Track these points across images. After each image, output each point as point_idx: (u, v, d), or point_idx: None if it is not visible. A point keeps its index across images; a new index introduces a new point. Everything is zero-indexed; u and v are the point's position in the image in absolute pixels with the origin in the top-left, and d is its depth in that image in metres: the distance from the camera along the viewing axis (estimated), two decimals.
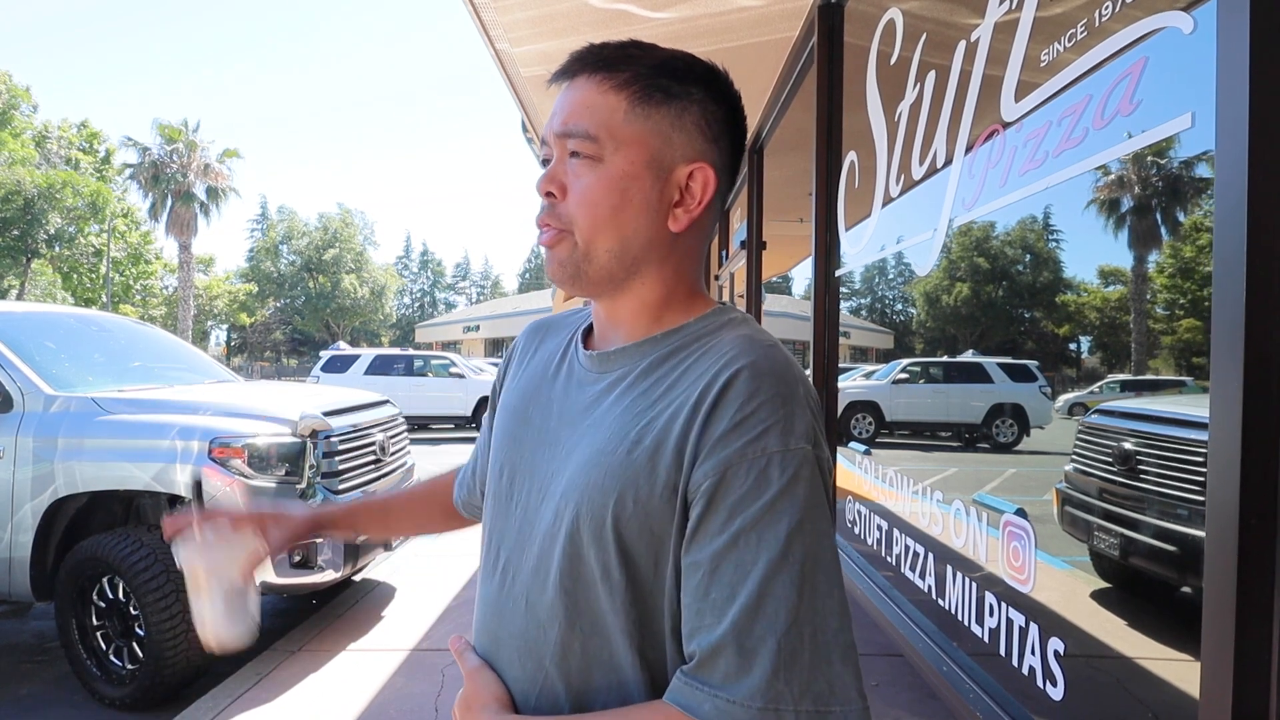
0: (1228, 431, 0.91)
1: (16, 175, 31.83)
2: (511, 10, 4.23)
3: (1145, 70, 1.15)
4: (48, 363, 4.70)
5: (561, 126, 0.95)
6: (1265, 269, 0.86)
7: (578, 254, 0.95)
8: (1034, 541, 1.73)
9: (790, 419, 0.85)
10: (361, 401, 5.60)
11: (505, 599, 1.00)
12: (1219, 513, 0.95)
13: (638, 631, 0.89)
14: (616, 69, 0.96)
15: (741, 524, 0.82)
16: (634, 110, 0.94)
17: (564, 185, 0.95)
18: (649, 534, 0.88)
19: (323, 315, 58.30)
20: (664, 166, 0.96)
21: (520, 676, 0.97)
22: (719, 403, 0.86)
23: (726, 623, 0.80)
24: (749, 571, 0.80)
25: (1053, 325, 1.80)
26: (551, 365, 1.09)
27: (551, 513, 0.95)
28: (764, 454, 0.83)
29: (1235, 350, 0.88)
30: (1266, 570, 0.91)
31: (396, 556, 6.47)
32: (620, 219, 0.94)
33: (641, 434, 0.90)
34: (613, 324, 1.04)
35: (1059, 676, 1.59)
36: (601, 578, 0.90)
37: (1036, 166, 1.53)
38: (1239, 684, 0.93)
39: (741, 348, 0.91)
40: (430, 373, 19.09)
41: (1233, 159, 0.88)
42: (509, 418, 1.09)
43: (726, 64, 1.02)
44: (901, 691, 3.95)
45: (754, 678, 0.78)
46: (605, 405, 0.97)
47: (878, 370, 3.62)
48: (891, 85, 2.58)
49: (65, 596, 4.27)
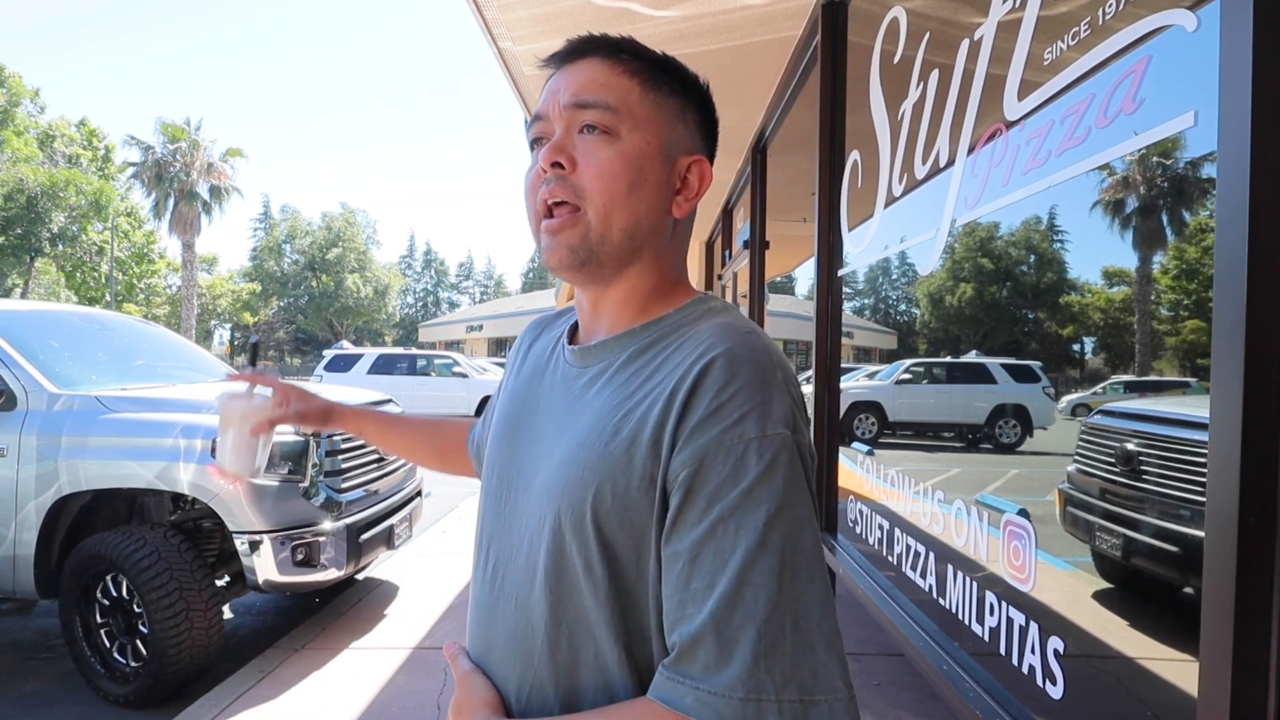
0: (1227, 430, 0.92)
1: (20, 173, 31.87)
2: (514, 9, 4.23)
3: (1148, 69, 1.15)
4: (51, 361, 4.71)
5: (574, 98, 0.95)
6: (1266, 268, 0.86)
7: (592, 236, 0.94)
8: (1035, 541, 1.73)
9: (768, 404, 0.84)
10: (364, 401, 5.60)
11: (495, 599, 1.00)
12: (1218, 511, 0.96)
13: (623, 627, 0.89)
14: (625, 54, 0.98)
15: (720, 511, 0.81)
16: (646, 95, 0.96)
17: (573, 157, 0.95)
18: (629, 526, 0.87)
19: (326, 314, 58.36)
20: (670, 154, 0.98)
21: (510, 676, 0.96)
22: (695, 390, 0.85)
23: (705, 612, 0.79)
24: (727, 560, 0.79)
25: (1056, 326, 1.80)
26: (541, 363, 1.10)
27: (535, 510, 0.95)
28: (741, 440, 0.82)
29: (1236, 349, 0.88)
30: (1265, 570, 0.91)
31: (399, 555, 6.49)
32: (636, 196, 0.95)
33: (619, 425, 0.90)
34: (597, 316, 1.04)
35: (1058, 675, 1.59)
36: (585, 573, 0.89)
37: (1039, 166, 1.53)
38: (1237, 684, 0.93)
39: (718, 335, 0.90)
40: (433, 372, 19.13)
41: (1234, 158, 0.88)
42: (501, 419, 1.10)
43: (730, 62, 1.04)
44: (903, 691, 3.95)
45: (734, 668, 0.77)
46: (586, 399, 0.97)
47: (881, 370, 3.62)
48: (895, 84, 2.58)
49: (69, 594, 4.29)
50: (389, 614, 5.31)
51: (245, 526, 4.22)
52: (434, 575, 6.24)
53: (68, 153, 37.03)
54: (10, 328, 4.75)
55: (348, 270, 59.36)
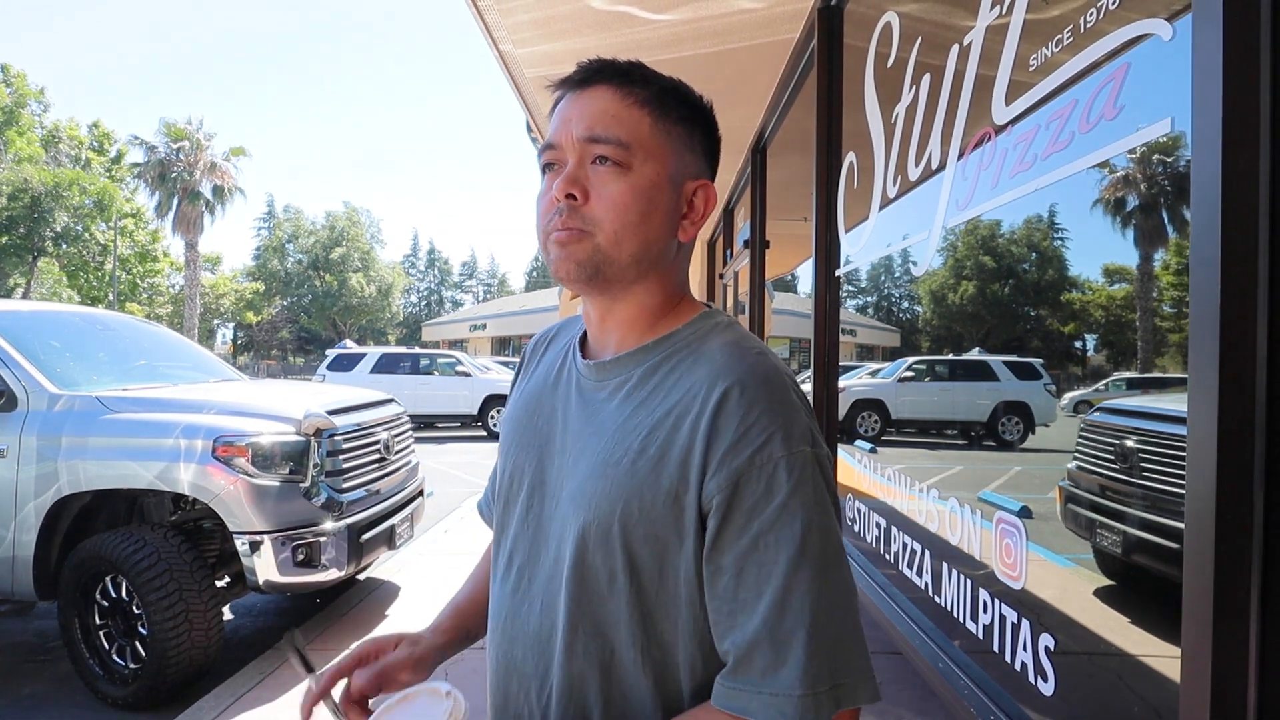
0: (1204, 425, 0.93)
1: (23, 173, 31.90)
2: (514, 13, 4.24)
3: (1128, 76, 1.16)
4: (52, 361, 4.72)
5: (588, 131, 0.98)
6: (1237, 267, 0.87)
7: (599, 255, 0.98)
8: (1026, 537, 1.74)
9: (790, 425, 0.90)
10: (366, 400, 5.61)
11: (520, 601, 1.05)
12: (1197, 506, 0.97)
13: (643, 635, 0.95)
14: (636, 84, 1.00)
15: (760, 527, 0.88)
16: (656, 126, 0.99)
17: (586, 190, 0.98)
18: (653, 540, 0.93)
19: (329, 314, 58.33)
20: (678, 181, 1.02)
21: (531, 675, 1.02)
22: (719, 416, 0.91)
23: (758, 619, 0.87)
24: (772, 570, 0.87)
25: (1058, 323, 1.81)
26: (552, 373, 1.14)
27: (562, 519, 1.00)
28: (770, 460, 0.89)
29: (1210, 348, 0.90)
30: (1243, 563, 0.92)
31: (400, 556, 6.49)
32: (646, 225, 0.98)
33: (645, 444, 0.95)
34: (606, 329, 1.07)
35: (1049, 672, 1.60)
36: (607, 582, 0.95)
37: (1026, 169, 1.54)
38: (1216, 673, 0.94)
39: (729, 357, 0.96)
40: (436, 371, 19.10)
41: (1207, 161, 0.90)
42: (515, 427, 1.14)
43: (729, 65, 1.06)
44: (902, 689, 3.95)
45: (791, 667, 0.84)
46: (607, 413, 1.01)
47: (884, 368, 3.62)
48: (889, 87, 2.59)
49: (68, 595, 4.29)
50: (390, 614, 5.32)
51: (246, 527, 4.23)
52: (436, 575, 6.25)
53: (73, 154, 37.05)
54: (11, 328, 4.76)
55: (351, 269, 59.31)
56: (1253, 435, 0.89)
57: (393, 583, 6.06)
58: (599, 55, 1.03)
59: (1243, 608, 0.93)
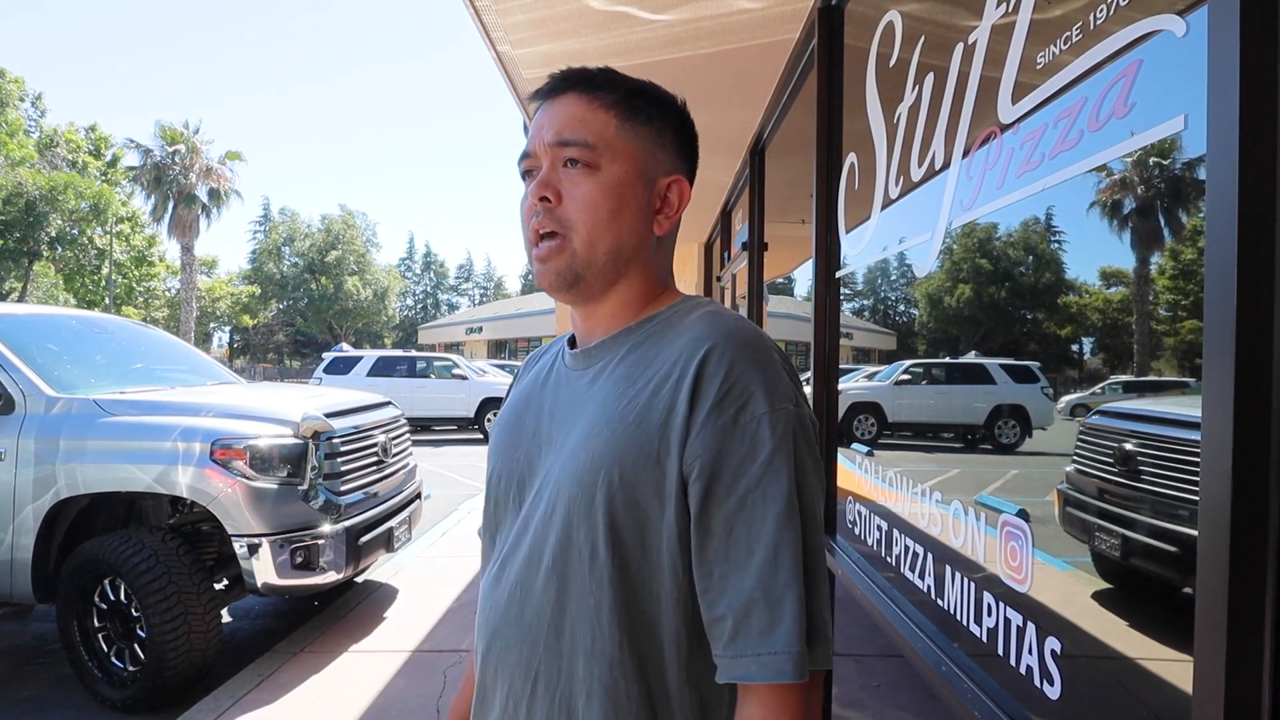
0: (1220, 429, 0.92)
1: (18, 177, 31.84)
2: (512, 13, 4.23)
3: (1140, 73, 1.15)
4: (50, 365, 4.72)
5: (556, 136, 1.03)
6: (1255, 269, 0.87)
7: (578, 261, 1.02)
8: (1031, 541, 1.74)
9: (770, 382, 0.93)
10: (363, 403, 5.61)
11: (502, 589, 1.05)
12: (1211, 511, 0.96)
13: (626, 615, 0.95)
14: (602, 89, 1.05)
15: (746, 485, 0.90)
16: (623, 126, 1.04)
17: (559, 191, 1.02)
18: (635, 507, 0.94)
19: (325, 317, 58.24)
20: (649, 177, 1.05)
21: (516, 663, 1.02)
22: (700, 377, 0.93)
23: (751, 579, 0.89)
24: (761, 529, 0.89)
25: (1054, 326, 1.81)
26: (542, 375, 1.17)
27: (545, 501, 1.01)
28: (754, 418, 0.91)
29: (1226, 351, 0.89)
30: (1258, 568, 0.91)
31: (399, 558, 6.48)
32: (618, 222, 1.02)
33: (625, 411, 0.97)
34: (591, 326, 1.11)
35: (1055, 676, 1.60)
36: (589, 556, 0.96)
37: (1033, 169, 1.54)
38: (1231, 682, 0.93)
39: (710, 323, 0.99)
40: (433, 374, 19.11)
41: (1224, 161, 0.89)
42: (504, 429, 1.16)
43: (728, 65, 1.08)
44: (903, 692, 3.95)
45: (786, 624, 0.87)
46: (590, 395, 1.03)
47: (880, 371, 3.62)
48: (891, 87, 2.59)
49: (67, 598, 4.29)
50: (388, 617, 5.31)
51: (244, 529, 4.22)
52: (434, 578, 6.24)
53: (70, 158, 37.00)
54: (8, 331, 4.75)
55: (347, 272, 59.21)
56: (1268, 437, 0.88)
57: (391, 585, 6.05)
58: (598, 56, 1.05)
59: (1257, 614, 0.92)
